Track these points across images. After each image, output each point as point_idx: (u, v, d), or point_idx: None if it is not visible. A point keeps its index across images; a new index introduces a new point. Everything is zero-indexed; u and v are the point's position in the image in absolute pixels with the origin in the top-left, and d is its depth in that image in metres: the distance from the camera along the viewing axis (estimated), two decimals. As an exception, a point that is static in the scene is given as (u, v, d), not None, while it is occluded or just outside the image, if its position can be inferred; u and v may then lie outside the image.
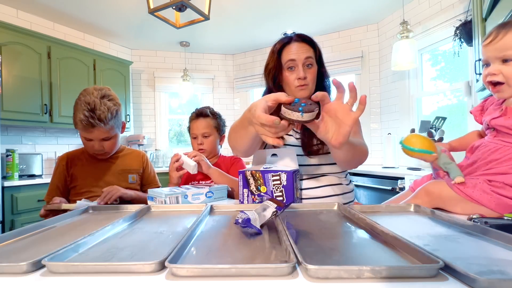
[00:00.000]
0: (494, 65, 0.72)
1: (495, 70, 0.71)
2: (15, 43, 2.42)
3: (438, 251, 0.42)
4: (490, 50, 0.72)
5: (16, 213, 2.17)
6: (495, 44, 0.71)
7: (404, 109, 2.95)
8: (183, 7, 1.72)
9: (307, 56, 0.96)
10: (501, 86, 0.72)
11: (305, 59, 0.95)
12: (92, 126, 1.06)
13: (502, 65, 0.70)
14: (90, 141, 1.12)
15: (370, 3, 2.85)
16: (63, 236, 0.60)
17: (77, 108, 1.08)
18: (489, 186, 0.70)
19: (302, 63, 0.96)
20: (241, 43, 3.74)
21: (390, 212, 0.74)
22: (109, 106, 1.09)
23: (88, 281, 0.38)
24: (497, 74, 0.71)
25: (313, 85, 0.98)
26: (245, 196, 0.92)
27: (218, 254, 0.46)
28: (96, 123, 1.06)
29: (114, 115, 1.12)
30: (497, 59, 0.71)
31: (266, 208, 0.64)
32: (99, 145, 1.13)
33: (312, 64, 0.97)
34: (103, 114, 1.06)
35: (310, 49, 0.97)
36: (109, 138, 1.15)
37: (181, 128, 4.32)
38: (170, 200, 0.91)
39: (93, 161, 1.23)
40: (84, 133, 1.10)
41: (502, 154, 0.72)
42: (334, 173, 1.02)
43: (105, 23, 3.11)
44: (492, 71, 0.71)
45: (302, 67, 0.96)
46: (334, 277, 0.37)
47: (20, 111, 2.44)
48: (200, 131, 1.41)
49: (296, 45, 0.97)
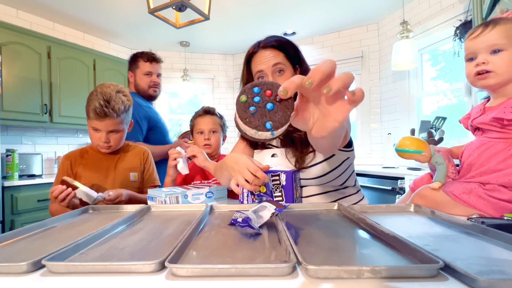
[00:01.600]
0: (482, 55, 0.74)
1: (483, 59, 0.73)
2: (15, 43, 2.42)
3: (438, 251, 0.42)
4: (479, 42, 0.74)
5: (16, 213, 2.17)
6: (484, 35, 0.73)
7: (404, 109, 2.95)
8: (183, 7, 1.72)
9: (275, 62, 0.91)
10: (489, 73, 0.73)
11: (273, 66, 0.92)
12: (105, 115, 1.12)
13: (491, 56, 0.72)
14: (97, 132, 1.17)
15: (370, 3, 2.85)
16: (63, 236, 0.60)
17: (91, 98, 1.14)
18: (484, 191, 0.70)
19: (271, 71, 0.92)
20: (241, 43, 3.74)
21: (390, 212, 0.74)
22: (123, 100, 1.16)
23: (88, 281, 0.38)
24: (487, 63, 0.73)
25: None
26: (245, 196, 0.92)
27: (218, 254, 0.46)
28: (109, 112, 1.12)
29: (126, 109, 1.19)
30: (486, 50, 0.73)
31: (263, 210, 0.64)
32: (106, 137, 1.17)
33: (284, 70, 0.93)
34: (117, 106, 1.13)
35: (279, 54, 0.93)
36: (116, 132, 1.19)
37: (181, 128, 4.32)
38: (170, 200, 0.91)
39: (96, 159, 1.25)
40: (96, 121, 1.14)
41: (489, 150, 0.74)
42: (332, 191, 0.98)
43: (105, 23, 3.11)
44: (481, 61, 0.73)
45: (272, 75, 0.92)
46: (334, 277, 0.37)
47: (20, 111, 2.44)
48: (208, 126, 1.44)
49: (262, 54, 0.94)
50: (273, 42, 0.94)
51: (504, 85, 0.74)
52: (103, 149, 1.22)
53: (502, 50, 0.71)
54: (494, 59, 0.72)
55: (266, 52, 0.93)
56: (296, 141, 0.94)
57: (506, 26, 0.71)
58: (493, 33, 0.72)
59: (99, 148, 1.22)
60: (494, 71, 0.72)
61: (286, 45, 0.95)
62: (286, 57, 0.94)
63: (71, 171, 1.23)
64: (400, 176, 2.22)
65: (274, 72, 0.93)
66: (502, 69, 0.71)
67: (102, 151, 1.24)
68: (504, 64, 0.71)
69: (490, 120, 0.74)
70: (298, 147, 0.93)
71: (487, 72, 0.73)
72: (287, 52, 0.94)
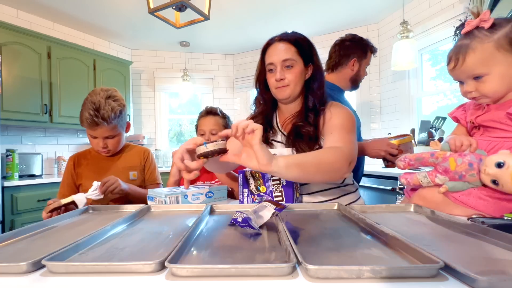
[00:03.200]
0: (467, 84, 0.76)
1: (470, 88, 0.75)
2: (15, 43, 2.42)
3: (438, 251, 0.42)
4: (458, 74, 0.76)
5: (16, 213, 2.17)
6: (459, 68, 0.75)
7: (404, 109, 2.95)
8: (183, 7, 1.72)
9: (285, 58, 0.94)
10: (480, 98, 0.76)
11: (283, 61, 0.94)
12: (96, 125, 1.14)
13: (475, 82, 0.74)
14: (95, 138, 1.20)
15: (370, 3, 2.85)
16: (63, 236, 0.60)
17: (84, 107, 1.16)
18: (483, 191, 0.69)
19: (281, 65, 0.95)
20: (241, 43, 3.74)
21: (390, 212, 0.74)
22: (113, 106, 1.17)
23: (88, 281, 0.38)
24: (473, 91, 0.75)
25: (295, 85, 0.95)
26: (245, 196, 0.92)
27: (218, 254, 0.46)
28: (99, 122, 1.13)
29: (118, 115, 1.19)
30: (470, 78, 0.75)
31: (263, 210, 0.64)
32: (103, 143, 1.21)
33: (293, 65, 0.95)
34: (106, 114, 1.14)
35: (291, 49, 0.95)
36: (112, 137, 1.22)
37: (181, 128, 4.33)
38: (170, 200, 0.91)
39: (97, 160, 1.29)
40: (89, 130, 1.18)
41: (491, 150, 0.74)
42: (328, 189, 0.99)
43: (105, 23, 3.11)
44: (468, 90, 0.76)
45: (281, 68, 0.95)
46: (334, 277, 0.37)
47: (20, 111, 2.44)
48: (208, 127, 1.42)
49: (276, 46, 0.96)
50: (289, 36, 0.97)
51: (503, 96, 0.75)
52: (103, 154, 1.26)
53: (484, 75, 0.72)
54: (480, 86, 0.74)
55: (280, 45, 0.96)
56: (304, 136, 0.94)
57: (477, 53, 0.71)
58: (467, 64, 0.73)
59: (99, 152, 1.27)
60: (484, 95, 0.74)
61: (301, 41, 0.97)
62: (298, 53, 0.96)
63: (74, 171, 1.28)
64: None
65: (283, 66, 0.95)
66: (490, 92, 0.73)
67: (102, 155, 1.28)
68: (491, 87, 0.73)
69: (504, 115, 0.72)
70: (306, 142, 0.93)
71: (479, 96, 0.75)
72: (301, 48, 0.96)
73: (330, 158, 0.75)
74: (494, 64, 0.70)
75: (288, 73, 0.95)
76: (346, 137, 0.86)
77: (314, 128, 0.93)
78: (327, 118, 0.93)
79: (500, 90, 0.72)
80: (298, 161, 0.70)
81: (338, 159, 0.76)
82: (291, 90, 0.96)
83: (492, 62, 0.70)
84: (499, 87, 0.72)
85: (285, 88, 0.95)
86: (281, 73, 0.94)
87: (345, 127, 0.89)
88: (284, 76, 0.94)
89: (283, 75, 0.94)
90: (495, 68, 0.70)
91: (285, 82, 0.95)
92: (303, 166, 0.70)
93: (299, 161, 0.70)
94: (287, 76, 0.94)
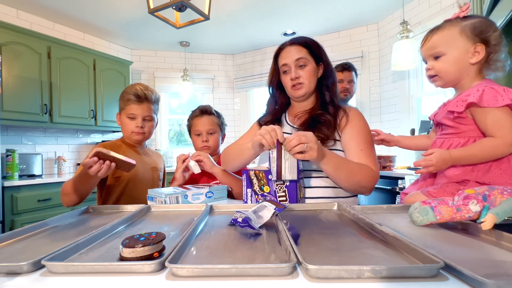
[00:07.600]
0: (429, 62, 0.85)
1: (429, 66, 0.84)
2: (15, 43, 2.42)
3: (438, 251, 0.42)
4: (424, 51, 0.86)
5: (16, 213, 2.17)
6: (426, 45, 0.84)
7: (404, 109, 2.95)
8: (183, 7, 1.72)
9: (298, 57, 1.01)
10: (435, 77, 0.84)
11: (296, 60, 1.01)
12: (145, 97, 1.22)
13: (434, 61, 0.83)
14: (133, 119, 1.23)
15: (370, 3, 2.85)
16: (63, 236, 0.60)
17: (127, 91, 1.24)
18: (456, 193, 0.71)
19: (294, 64, 1.02)
20: (241, 43, 3.74)
21: (390, 212, 0.74)
22: (155, 92, 1.29)
23: (88, 281, 0.38)
24: (431, 69, 0.84)
25: (309, 83, 1.03)
26: (249, 196, 0.92)
27: (218, 254, 0.46)
28: (148, 95, 1.23)
29: (158, 100, 1.31)
30: (430, 57, 0.84)
31: (263, 210, 0.63)
32: (142, 123, 1.23)
33: (306, 64, 1.02)
34: (153, 92, 1.27)
35: (302, 50, 1.02)
36: (150, 119, 1.26)
37: (181, 128, 4.32)
38: (170, 200, 0.91)
39: (128, 154, 1.21)
40: (134, 106, 1.21)
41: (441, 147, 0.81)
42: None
43: (105, 23, 3.11)
44: (427, 67, 0.85)
45: (295, 68, 1.02)
46: (334, 277, 0.37)
47: (20, 111, 2.43)
48: (206, 127, 1.41)
49: (288, 49, 1.04)
50: (299, 40, 1.05)
51: (458, 82, 0.82)
52: (137, 136, 1.24)
53: (442, 55, 0.80)
54: (437, 64, 0.82)
55: (292, 48, 1.03)
56: (324, 123, 0.99)
57: (443, 32, 0.80)
58: (432, 41, 0.82)
59: (132, 136, 1.24)
60: (438, 75, 0.83)
61: (310, 43, 1.05)
62: (309, 53, 1.03)
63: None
64: (400, 176, 2.22)
65: (296, 66, 1.02)
66: (443, 73, 0.81)
67: (135, 139, 1.25)
68: (445, 68, 0.81)
69: (446, 113, 0.80)
70: (325, 129, 0.98)
71: (435, 76, 0.84)
72: (311, 49, 1.04)
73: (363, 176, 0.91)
74: (453, 46, 0.78)
75: (302, 71, 1.02)
76: (373, 156, 0.97)
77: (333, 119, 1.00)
78: (350, 119, 1.00)
79: (451, 72, 0.80)
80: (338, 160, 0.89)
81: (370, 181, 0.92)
82: (307, 88, 1.03)
83: (452, 44, 0.78)
84: (450, 68, 0.80)
85: (301, 86, 1.02)
86: (296, 72, 1.01)
87: (369, 142, 0.99)
88: (299, 75, 1.02)
89: (297, 74, 1.02)
90: (453, 50, 0.78)
91: (300, 80, 1.02)
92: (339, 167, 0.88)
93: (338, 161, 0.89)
94: (301, 75, 1.02)
